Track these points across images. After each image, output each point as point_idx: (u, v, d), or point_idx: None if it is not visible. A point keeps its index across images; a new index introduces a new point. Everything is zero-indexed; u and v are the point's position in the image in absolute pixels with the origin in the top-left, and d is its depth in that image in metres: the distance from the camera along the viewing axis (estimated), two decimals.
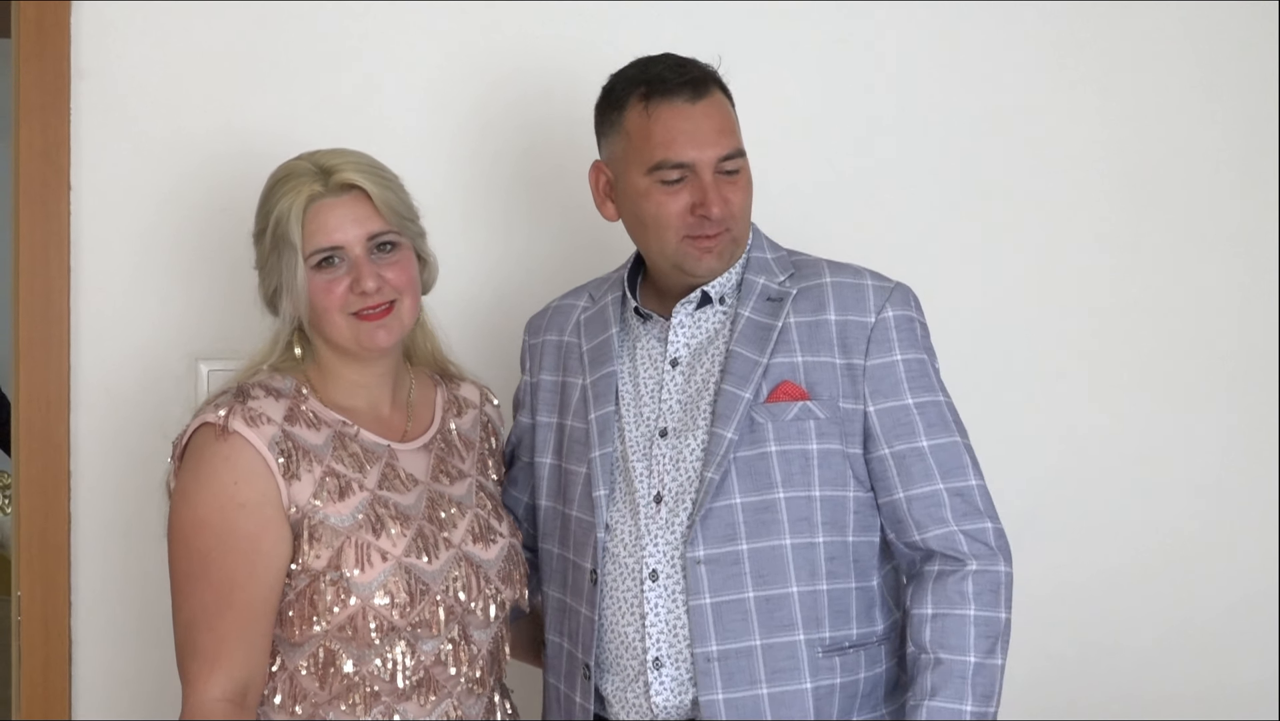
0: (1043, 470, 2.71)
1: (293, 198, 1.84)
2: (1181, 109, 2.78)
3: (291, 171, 1.88)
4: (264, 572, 1.78)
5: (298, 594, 1.80)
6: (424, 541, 1.84)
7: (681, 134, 1.87)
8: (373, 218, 1.86)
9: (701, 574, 1.84)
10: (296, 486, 1.80)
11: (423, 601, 1.82)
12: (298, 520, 1.80)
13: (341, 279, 1.85)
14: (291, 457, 1.81)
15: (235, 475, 1.78)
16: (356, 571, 1.79)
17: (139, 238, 2.33)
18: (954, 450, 1.89)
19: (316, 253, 1.84)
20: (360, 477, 1.85)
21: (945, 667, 1.81)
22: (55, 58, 2.26)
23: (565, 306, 2.10)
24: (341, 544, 1.80)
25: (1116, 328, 2.76)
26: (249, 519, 1.77)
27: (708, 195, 1.87)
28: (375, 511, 1.83)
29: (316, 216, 1.84)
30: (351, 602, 1.79)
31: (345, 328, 1.86)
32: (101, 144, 2.30)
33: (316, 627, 1.80)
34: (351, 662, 1.81)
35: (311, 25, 2.41)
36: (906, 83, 2.66)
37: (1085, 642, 2.75)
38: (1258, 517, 2.82)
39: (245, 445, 1.79)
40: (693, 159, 1.87)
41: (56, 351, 2.27)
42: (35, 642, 2.27)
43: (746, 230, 1.95)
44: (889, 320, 1.90)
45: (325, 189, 1.85)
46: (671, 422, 1.92)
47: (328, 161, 1.87)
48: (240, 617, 1.77)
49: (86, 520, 2.30)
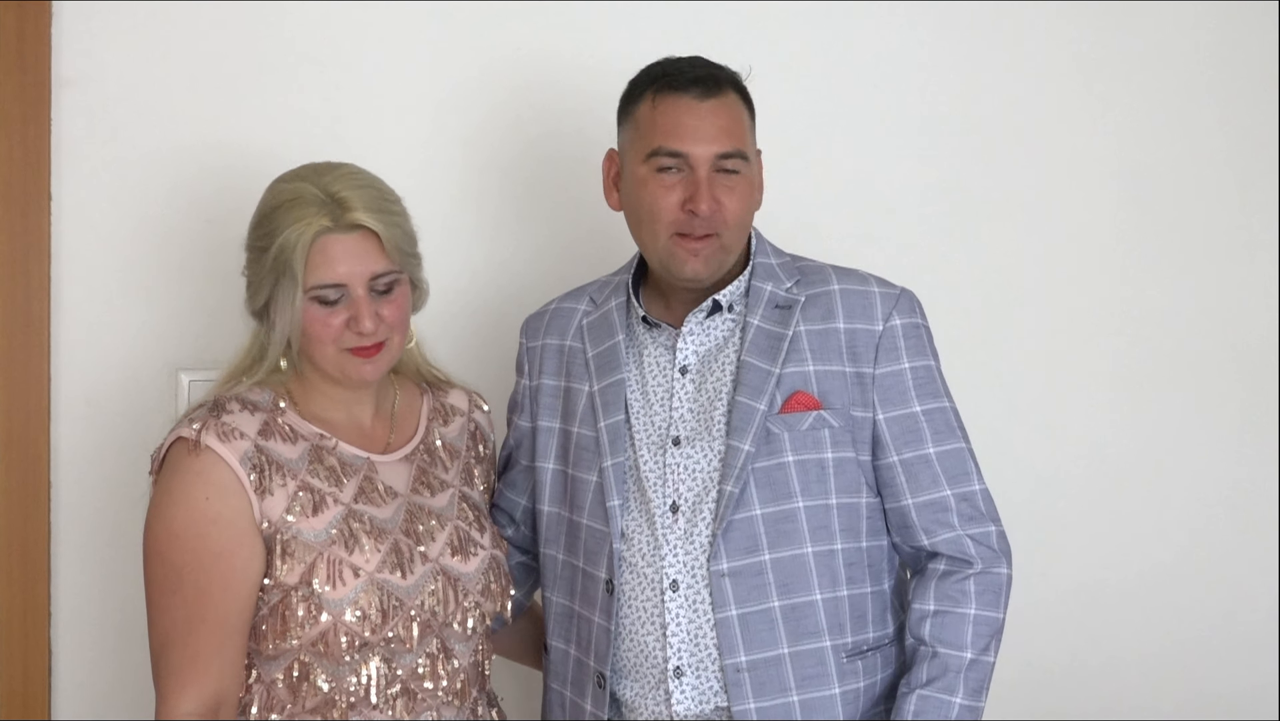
0: (1042, 474, 2.72)
1: (301, 230, 1.80)
2: (1183, 111, 2.78)
3: (300, 197, 1.82)
4: (237, 587, 1.77)
5: (270, 609, 1.80)
6: (399, 556, 1.84)
7: (682, 125, 1.89)
8: (379, 258, 1.84)
9: (726, 586, 1.87)
10: (269, 501, 1.79)
11: (396, 618, 1.81)
12: (270, 535, 1.79)
13: (339, 314, 1.84)
14: (264, 472, 1.80)
15: (207, 490, 1.77)
16: (328, 587, 1.78)
17: (120, 248, 2.32)
18: (959, 456, 1.93)
19: (319, 287, 1.82)
20: (336, 491, 1.84)
21: (941, 660, 1.86)
22: (36, 67, 2.25)
23: (565, 310, 2.10)
24: (314, 559, 1.79)
25: (1117, 332, 2.77)
26: (221, 534, 1.77)
27: (698, 190, 1.88)
28: (349, 526, 1.82)
29: (323, 251, 1.82)
30: (323, 619, 1.78)
31: (335, 360, 1.86)
32: (83, 154, 2.30)
33: (290, 642, 1.79)
34: (325, 677, 1.81)
35: (299, 34, 2.40)
36: (906, 86, 2.66)
37: (1085, 643, 2.76)
38: (1258, 518, 2.83)
39: (217, 460, 1.78)
40: (688, 150, 1.88)
41: (36, 362, 2.27)
42: (14, 654, 2.26)
43: (739, 240, 1.94)
44: (896, 328, 1.93)
45: (334, 224, 1.81)
46: (684, 431, 1.93)
47: (338, 191, 1.82)
48: (213, 633, 1.76)
49: (66, 531, 2.30)
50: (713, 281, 1.94)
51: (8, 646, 2.26)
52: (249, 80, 2.37)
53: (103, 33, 2.30)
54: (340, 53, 2.41)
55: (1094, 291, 2.75)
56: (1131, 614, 2.79)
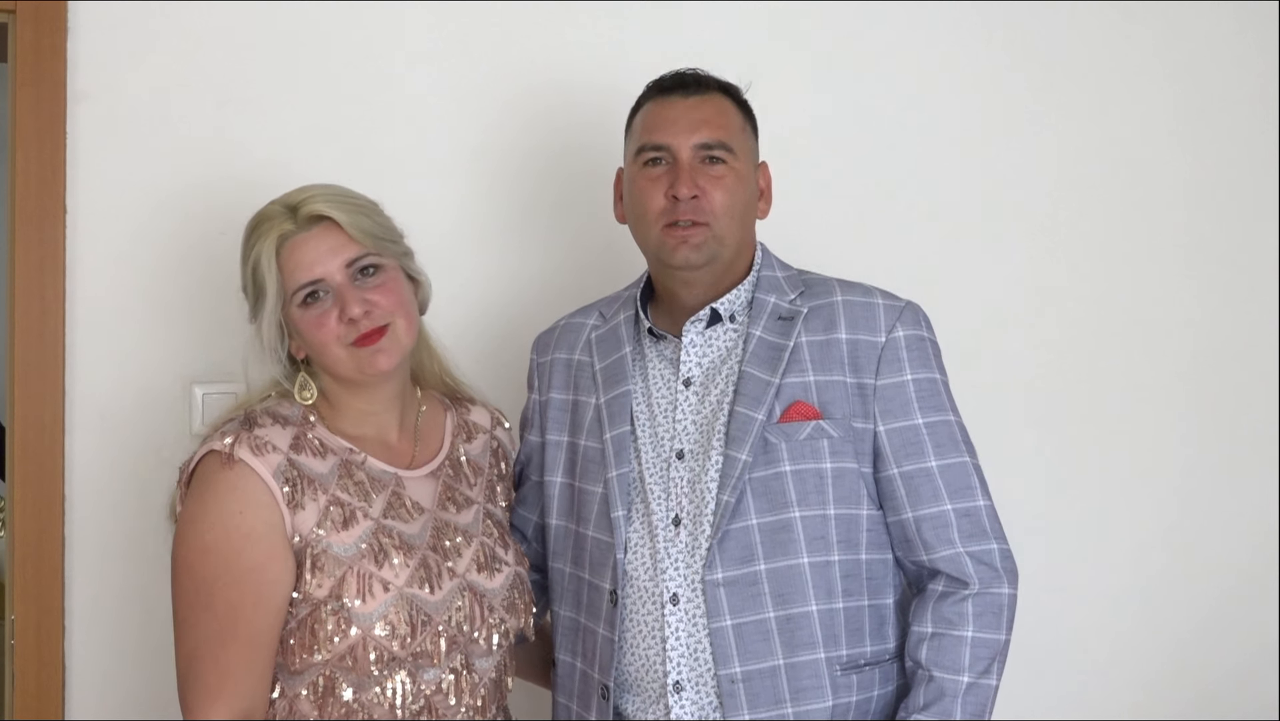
0: (1042, 475, 2.74)
1: (265, 242, 1.85)
2: (1183, 111, 2.81)
3: (262, 216, 1.89)
4: (268, 602, 1.78)
5: (299, 622, 1.80)
6: (427, 571, 1.85)
7: (664, 120, 1.94)
8: (346, 245, 1.86)
9: (721, 596, 1.86)
10: (301, 515, 1.80)
11: (424, 632, 1.82)
12: (301, 549, 1.80)
13: (329, 311, 1.86)
14: (296, 486, 1.81)
15: (241, 504, 1.78)
16: (358, 601, 1.79)
17: (134, 261, 2.33)
18: (962, 470, 1.91)
19: (299, 290, 1.85)
20: (365, 506, 1.85)
21: (938, 685, 1.84)
22: (52, 82, 2.26)
23: (574, 325, 2.11)
24: (344, 573, 1.80)
25: (1118, 336, 2.80)
26: (254, 548, 1.77)
27: (679, 176, 1.91)
28: (379, 541, 1.83)
29: (291, 255, 1.85)
30: (352, 632, 1.79)
31: (346, 358, 1.87)
32: (98, 168, 2.30)
33: (317, 657, 1.79)
34: (351, 691, 1.81)
35: (312, 48, 2.41)
36: (908, 92, 2.69)
37: (1086, 643, 2.79)
38: (1258, 518, 2.87)
39: (250, 474, 1.79)
40: (669, 141, 1.93)
41: (51, 374, 2.27)
42: (29, 666, 2.26)
43: (732, 232, 1.94)
44: (899, 340, 1.92)
45: (295, 225, 1.86)
46: (688, 444, 1.93)
47: (294, 199, 1.88)
48: (244, 647, 1.76)
49: (81, 543, 2.30)
50: (708, 271, 1.95)
51: (23, 657, 2.26)
52: (263, 94, 2.38)
53: (118, 47, 2.32)
54: (353, 66, 2.43)
55: (1095, 293, 2.78)
56: (1132, 614, 2.81)
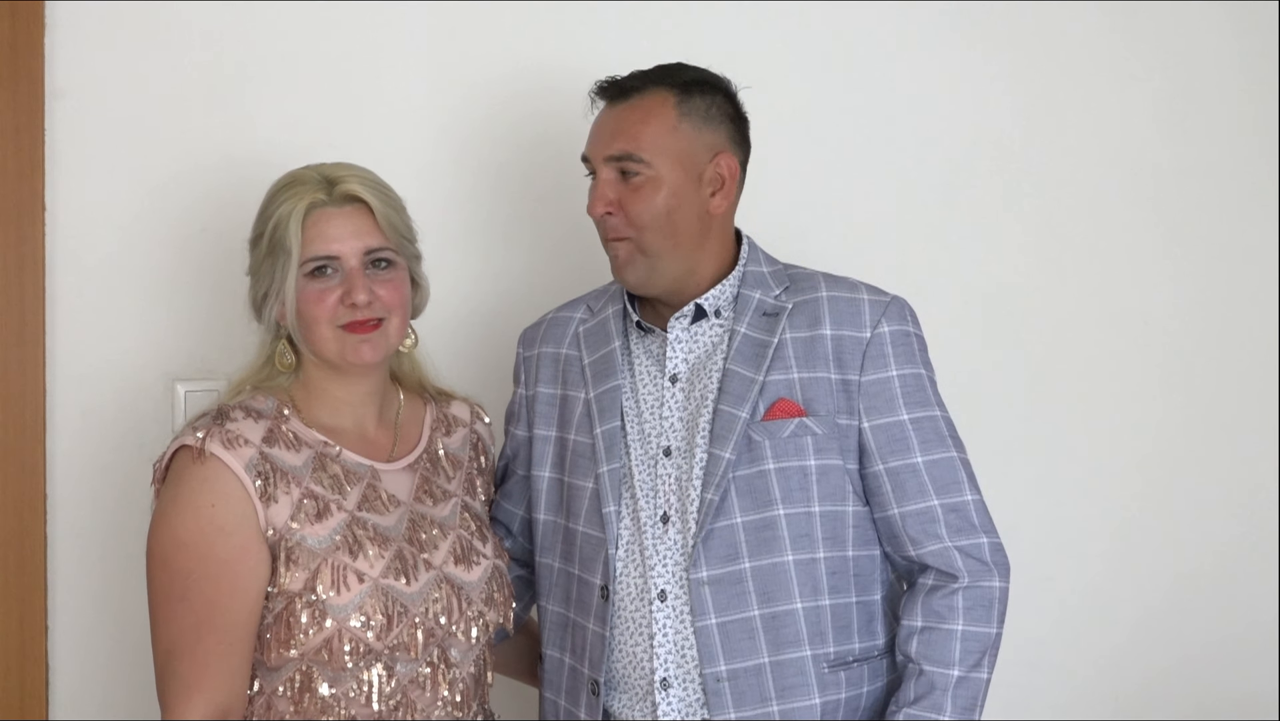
0: (1042, 477, 2.73)
1: (294, 203, 1.84)
2: (1182, 112, 2.80)
3: (296, 179, 1.89)
4: (244, 595, 1.77)
5: (275, 616, 1.79)
6: (403, 563, 1.84)
7: (591, 134, 1.96)
8: (373, 232, 1.87)
9: (706, 594, 1.85)
10: (274, 509, 1.79)
11: (400, 624, 1.81)
12: (275, 542, 1.79)
13: (333, 289, 1.85)
14: (269, 480, 1.80)
15: (213, 498, 1.77)
16: (332, 593, 1.78)
17: (115, 258, 2.31)
18: (949, 465, 1.89)
19: (312, 260, 1.85)
20: (339, 499, 1.84)
21: (928, 678, 1.83)
22: (30, 77, 2.25)
23: (561, 318, 2.10)
24: (318, 565, 1.79)
25: (1117, 336, 2.79)
26: (228, 541, 1.76)
27: (591, 192, 1.94)
28: (353, 533, 1.82)
29: (316, 224, 1.85)
30: (327, 625, 1.78)
31: (332, 340, 1.86)
32: (77, 164, 2.29)
33: (293, 651, 1.79)
34: (327, 685, 1.80)
35: (293, 43, 2.40)
36: (907, 91, 2.68)
37: (1086, 644, 2.78)
38: (1259, 519, 2.86)
39: (222, 468, 1.78)
40: (589, 155, 1.96)
41: (32, 372, 2.26)
42: (11, 665, 2.25)
43: (661, 241, 1.91)
44: (884, 335, 1.90)
45: (328, 198, 1.86)
46: (675, 441, 1.92)
47: (333, 172, 1.88)
48: (220, 641, 1.76)
49: (63, 541, 2.28)
50: (655, 286, 1.94)
51: (4, 657, 2.24)
52: (243, 89, 2.37)
53: (96, 43, 2.30)
54: (335, 61, 2.41)
55: (1094, 294, 2.77)
56: (1131, 614, 2.80)
